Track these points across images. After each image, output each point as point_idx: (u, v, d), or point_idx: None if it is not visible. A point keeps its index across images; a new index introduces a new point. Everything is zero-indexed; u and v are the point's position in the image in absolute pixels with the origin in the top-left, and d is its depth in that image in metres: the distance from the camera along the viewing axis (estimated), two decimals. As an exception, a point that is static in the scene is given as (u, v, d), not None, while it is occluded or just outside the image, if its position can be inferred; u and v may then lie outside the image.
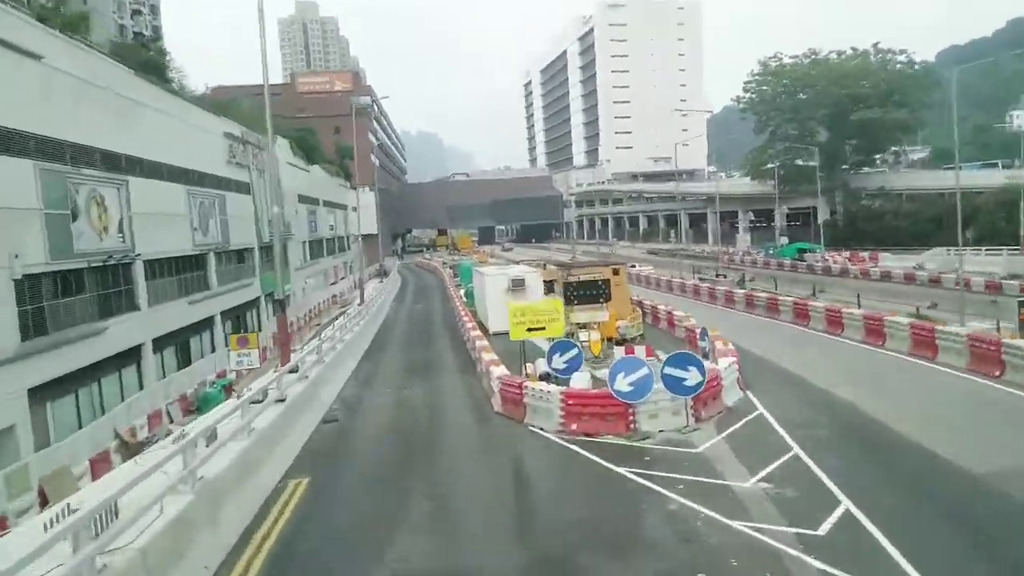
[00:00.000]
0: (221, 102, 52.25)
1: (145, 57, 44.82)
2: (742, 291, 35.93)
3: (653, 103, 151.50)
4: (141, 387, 27.58)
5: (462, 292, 45.01)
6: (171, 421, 26.20)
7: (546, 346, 18.86)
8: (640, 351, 18.08)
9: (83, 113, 24.52)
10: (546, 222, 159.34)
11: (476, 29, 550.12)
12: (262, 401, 14.25)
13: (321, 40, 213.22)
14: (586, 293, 23.49)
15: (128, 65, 29.88)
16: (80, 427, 22.61)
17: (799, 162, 75.24)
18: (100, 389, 24.95)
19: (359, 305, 40.44)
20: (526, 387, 15.58)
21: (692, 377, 13.96)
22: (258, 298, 45.64)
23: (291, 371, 17.99)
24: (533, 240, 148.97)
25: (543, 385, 15.70)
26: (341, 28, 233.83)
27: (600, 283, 23.89)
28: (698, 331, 20.77)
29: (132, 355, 27.39)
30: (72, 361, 22.49)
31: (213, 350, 35.88)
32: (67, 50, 24.14)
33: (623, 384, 13.89)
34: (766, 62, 75.26)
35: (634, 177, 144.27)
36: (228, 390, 27.67)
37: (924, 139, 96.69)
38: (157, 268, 29.75)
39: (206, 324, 35.66)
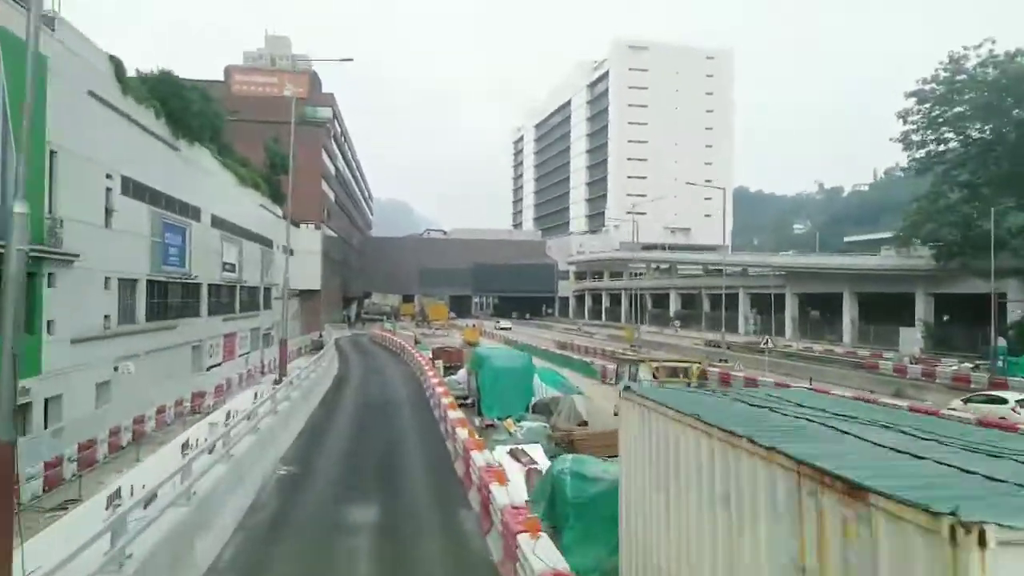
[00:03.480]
0: None
1: None
2: None
3: (674, 164, 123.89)
4: None
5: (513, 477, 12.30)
6: None
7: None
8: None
9: None
10: (536, 294, 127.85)
11: (454, 98, 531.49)
12: None
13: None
14: None
15: None
16: None
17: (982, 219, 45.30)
18: None
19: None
20: None
21: None
22: None
23: None
24: (528, 316, 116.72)
25: None
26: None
27: None
28: None
29: None
30: None
31: None
32: None
33: None
34: (957, 57, 46.04)
35: (647, 248, 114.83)
36: None
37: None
38: None
39: None
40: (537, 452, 13.22)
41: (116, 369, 25.64)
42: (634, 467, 7.89)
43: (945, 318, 55.48)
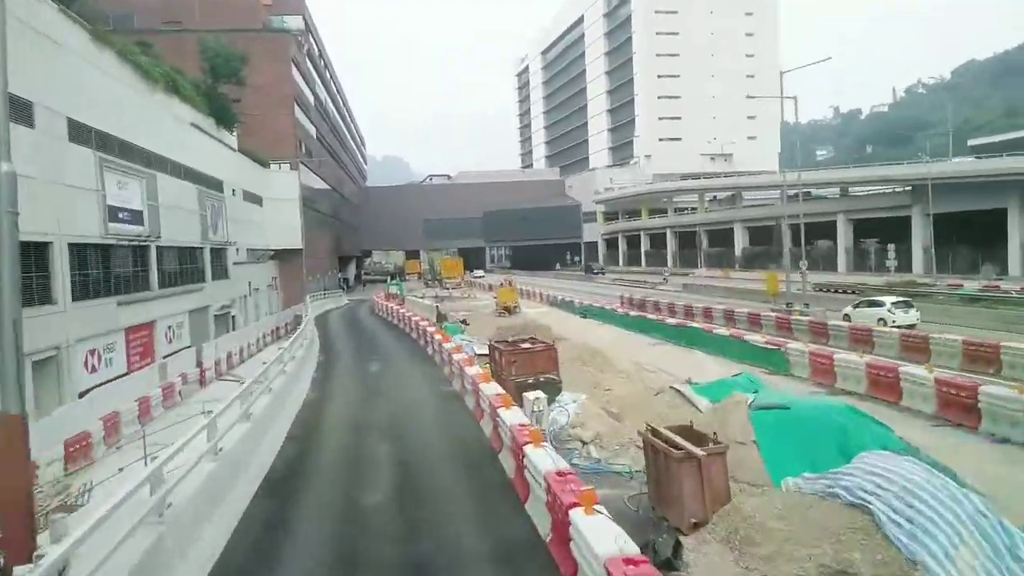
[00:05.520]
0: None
1: None
2: None
3: (712, 80, 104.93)
4: None
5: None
6: None
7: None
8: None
9: None
10: (558, 241, 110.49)
11: (450, 48, 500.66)
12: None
13: None
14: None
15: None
16: None
17: None
18: None
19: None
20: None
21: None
22: None
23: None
24: (558, 266, 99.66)
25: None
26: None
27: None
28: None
29: None
30: None
31: None
32: None
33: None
34: None
35: (684, 179, 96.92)
36: None
37: None
38: None
39: None
40: None
41: None
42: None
43: None
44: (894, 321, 24.79)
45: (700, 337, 24.54)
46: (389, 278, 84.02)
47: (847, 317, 26.63)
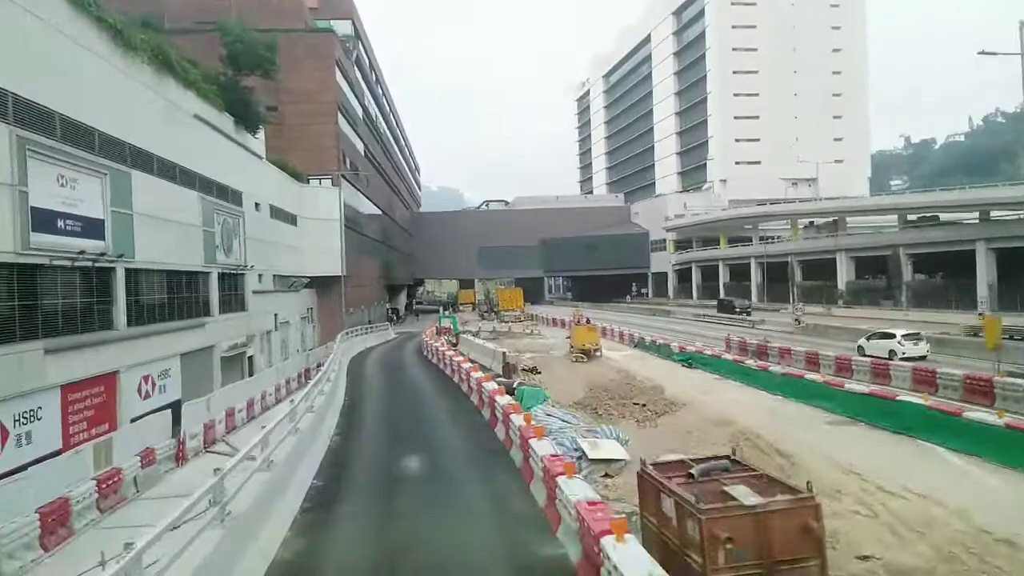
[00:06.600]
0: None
1: None
2: None
3: (794, 98, 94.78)
4: None
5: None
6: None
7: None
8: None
9: None
10: (623, 271, 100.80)
11: (508, 81, 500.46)
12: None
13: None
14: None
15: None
16: None
17: None
18: None
19: None
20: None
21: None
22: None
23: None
24: (629, 299, 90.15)
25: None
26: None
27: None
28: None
29: None
30: None
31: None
32: None
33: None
34: None
35: (762, 205, 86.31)
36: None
37: None
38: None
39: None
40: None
41: None
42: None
43: None
44: (904, 352, 25.70)
45: (927, 420, 15.07)
46: (441, 309, 76.10)
47: (861, 350, 27.55)
